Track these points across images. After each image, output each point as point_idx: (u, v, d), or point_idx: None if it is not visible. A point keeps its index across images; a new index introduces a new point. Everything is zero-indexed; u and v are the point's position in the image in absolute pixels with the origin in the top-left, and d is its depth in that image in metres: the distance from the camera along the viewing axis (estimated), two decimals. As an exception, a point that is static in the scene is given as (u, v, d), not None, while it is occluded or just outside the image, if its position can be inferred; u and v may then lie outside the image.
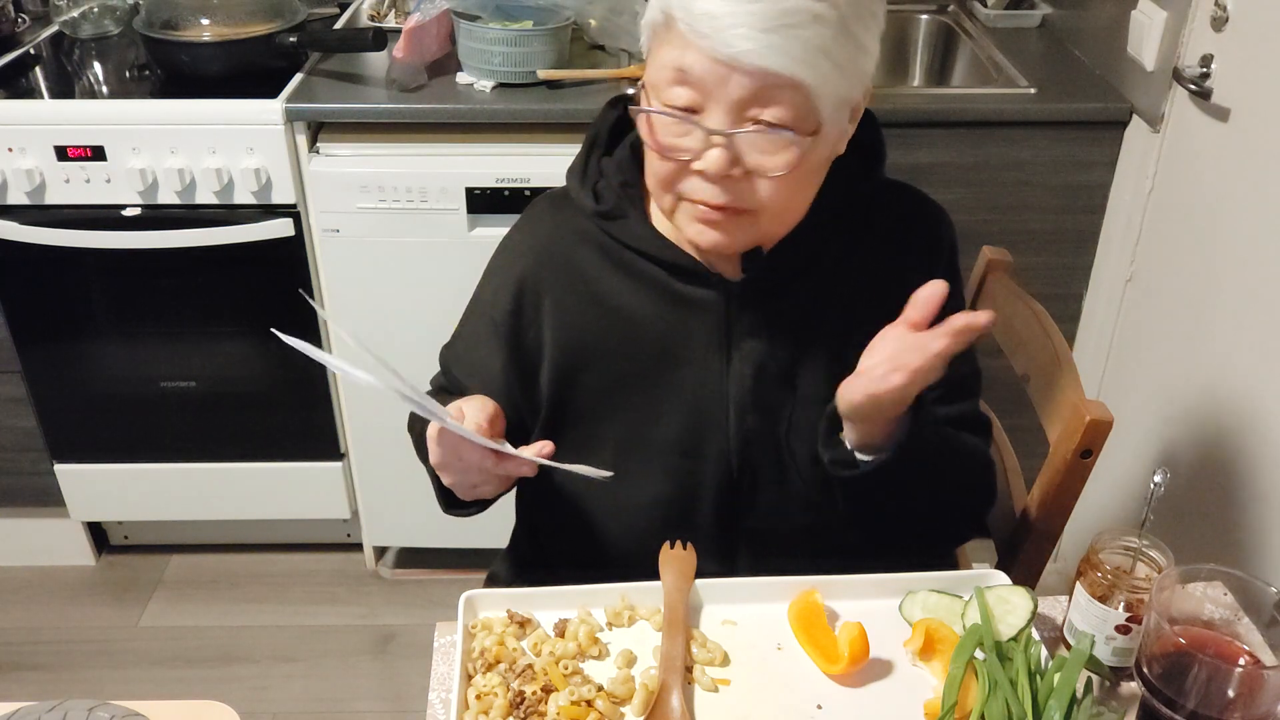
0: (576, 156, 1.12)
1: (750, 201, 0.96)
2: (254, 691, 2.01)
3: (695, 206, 0.98)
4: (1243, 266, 1.54)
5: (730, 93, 0.91)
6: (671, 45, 0.93)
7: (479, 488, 1.01)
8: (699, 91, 0.92)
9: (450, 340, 1.20)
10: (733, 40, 0.88)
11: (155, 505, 2.17)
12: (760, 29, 0.87)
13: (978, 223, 1.90)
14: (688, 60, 0.91)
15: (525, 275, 1.10)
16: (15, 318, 1.95)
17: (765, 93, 0.90)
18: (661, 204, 1.02)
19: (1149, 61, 1.74)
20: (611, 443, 1.10)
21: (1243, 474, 1.54)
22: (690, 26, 0.89)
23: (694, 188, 0.97)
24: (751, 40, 0.87)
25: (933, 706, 0.93)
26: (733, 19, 0.87)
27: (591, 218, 1.08)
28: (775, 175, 0.94)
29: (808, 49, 0.88)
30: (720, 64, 0.89)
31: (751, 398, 1.08)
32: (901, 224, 1.11)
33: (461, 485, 1.01)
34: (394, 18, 2.11)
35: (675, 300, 1.07)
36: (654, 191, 1.02)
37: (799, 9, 0.88)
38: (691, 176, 0.96)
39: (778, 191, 0.96)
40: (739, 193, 0.96)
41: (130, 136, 1.79)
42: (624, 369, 1.09)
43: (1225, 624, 0.91)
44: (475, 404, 0.99)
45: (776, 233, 1.03)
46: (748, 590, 1.04)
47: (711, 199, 0.96)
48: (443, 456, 0.97)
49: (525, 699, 0.92)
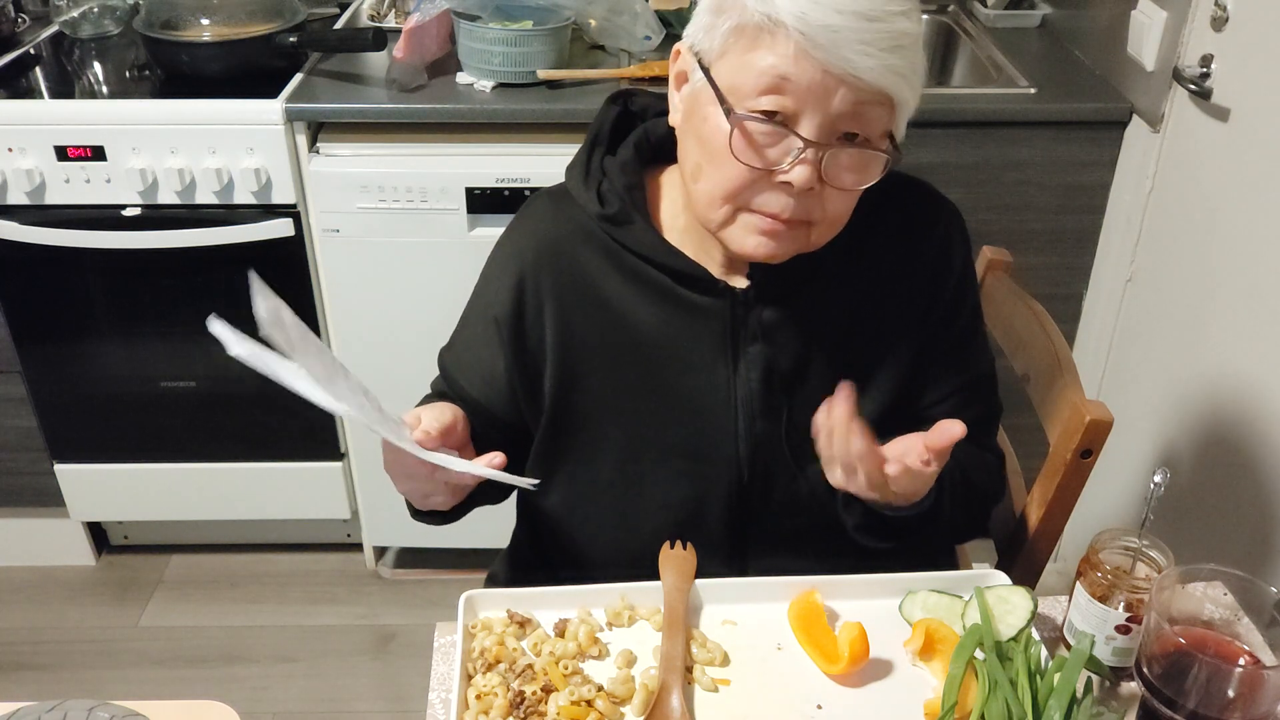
0: (577, 154, 1.10)
1: (816, 214, 0.96)
2: (254, 691, 2.01)
3: (760, 219, 0.96)
4: (1243, 266, 1.54)
5: (833, 106, 0.90)
6: (773, 51, 0.90)
7: (430, 497, 1.01)
8: (796, 100, 0.91)
9: (449, 343, 1.18)
10: (852, 56, 0.88)
11: (155, 505, 2.17)
12: (881, 48, 0.88)
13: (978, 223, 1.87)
14: (796, 69, 0.89)
15: (526, 276, 1.08)
16: (15, 318, 1.95)
17: (863, 109, 0.91)
18: (713, 215, 0.98)
19: (1149, 61, 1.74)
20: (617, 447, 1.09)
21: (1243, 474, 1.54)
22: (806, 35, 0.88)
23: (767, 200, 0.95)
24: (873, 58, 0.88)
25: (933, 706, 0.93)
26: (854, 34, 0.87)
27: (596, 221, 1.06)
28: (852, 189, 0.95)
29: (913, 70, 0.92)
30: (831, 76, 0.89)
31: (760, 403, 1.07)
32: (912, 223, 1.10)
33: (413, 494, 1.01)
34: (394, 18, 2.11)
35: (681, 307, 1.06)
36: (707, 202, 0.97)
37: (909, 32, 0.91)
38: (767, 189, 0.94)
39: (845, 204, 0.97)
40: (810, 206, 0.95)
41: (130, 136, 1.79)
42: (628, 374, 1.08)
43: (1225, 624, 0.91)
44: (434, 412, 0.98)
45: (822, 243, 1.01)
46: (748, 590, 1.04)
47: (783, 211, 0.95)
48: (387, 465, 0.97)
49: (525, 699, 0.92)
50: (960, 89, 2.15)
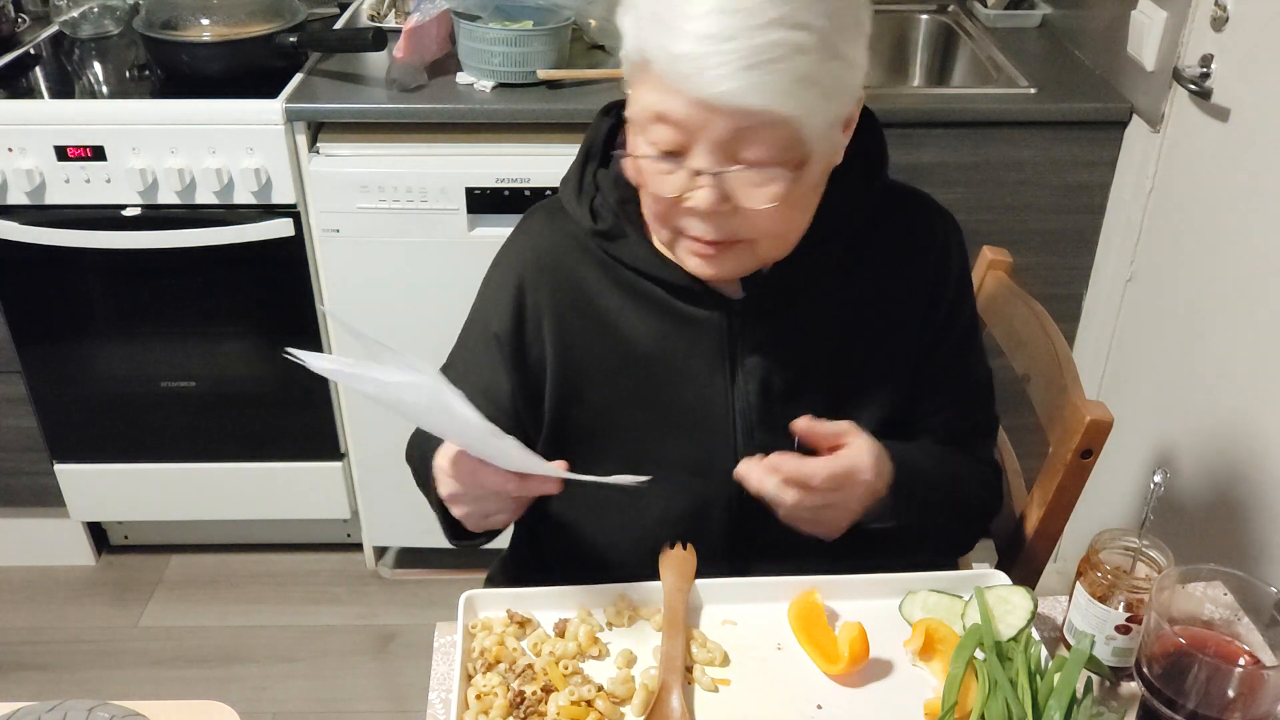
0: (570, 168, 1.09)
1: (745, 233, 0.94)
2: (254, 691, 2.01)
3: (692, 241, 0.96)
4: (1242, 266, 1.54)
5: (714, 133, 0.87)
6: (649, 87, 0.89)
7: (493, 517, 0.98)
8: (682, 132, 0.89)
9: (448, 362, 1.17)
10: (714, 81, 0.84)
11: (155, 505, 2.17)
12: (741, 67, 0.83)
13: (978, 223, 1.90)
14: (668, 105, 0.87)
15: (524, 291, 1.08)
16: (15, 318, 1.95)
17: (749, 131, 0.87)
18: (660, 236, 1.00)
19: (1149, 61, 1.74)
20: (617, 461, 1.08)
21: (1243, 474, 1.54)
22: (669, 68, 0.85)
23: (690, 224, 0.94)
24: (733, 79, 0.83)
25: (933, 706, 0.93)
26: (713, 58, 0.83)
27: (590, 236, 1.06)
28: (763, 208, 0.91)
29: (791, 82, 0.84)
30: (702, 106, 0.86)
31: (758, 415, 1.07)
32: (908, 234, 1.09)
33: (475, 516, 0.98)
34: (394, 18, 2.11)
35: (677, 319, 1.06)
36: (651, 225, 1.00)
37: (780, 41, 0.83)
38: (686, 213, 0.94)
39: (771, 221, 0.93)
40: (733, 226, 0.94)
41: (130, 136, 1.79)
42: (627, 388, 1.08)
43: (1225, 624, 0.91)
44: None
45: (777, 256, 1.00)
46: (748, 590, 1.04)
47: (705, 235, 0.94)
48: (459, 486, 0.94)
49: (525, 699, 0.92)
50: (960, 89, 2.15)
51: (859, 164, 1.03)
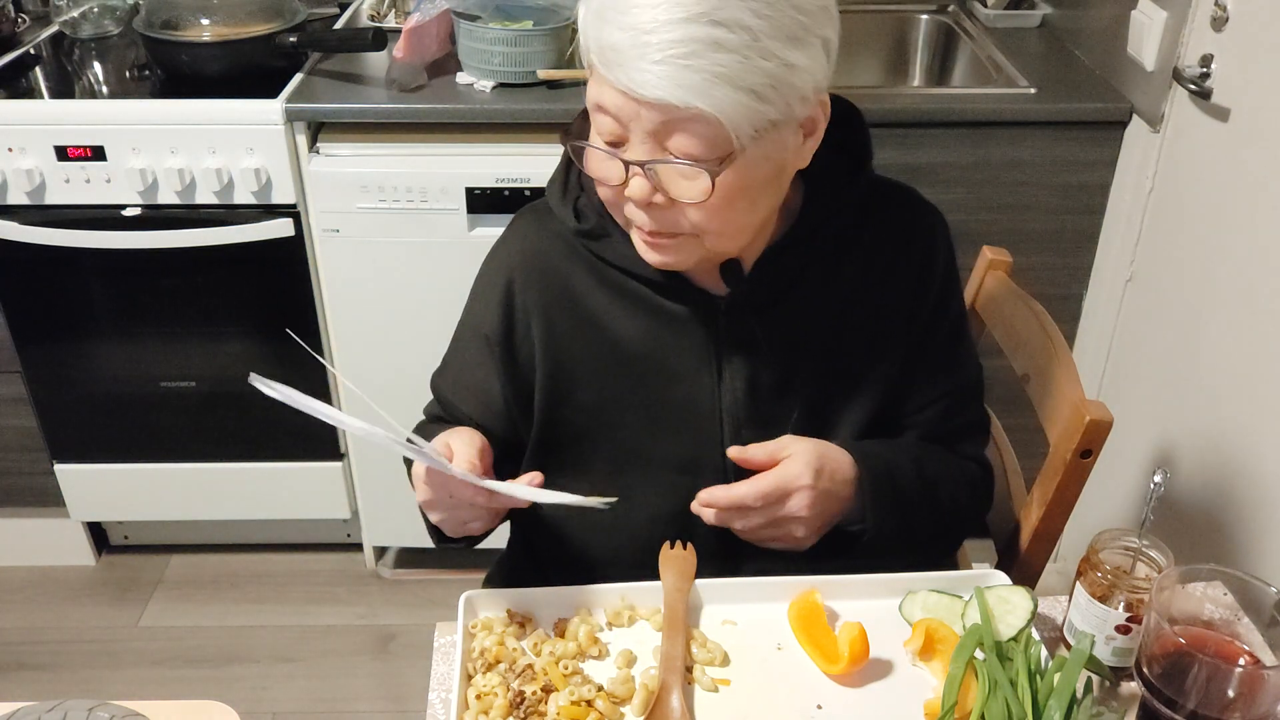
0: (556, 169, 1.10)
1: (682, 226, 0.95)
2: (254, 691, 2.01)
3: (637, 231, 0.98)
4: (1242, 266, 1.54)
5: (643, 125, 0.89)
6: (593, 79, 0.92)
7: (468, 525, 1.01)
8: (619, 123, 0.91)
9: (441, 367, 1.18)
10: (635, 75, 0.85)
11: (155, 505, 2.17)
12: (655, 60, 0.84)
13: (978, 223, 1.90)
14: (605, 96, 0.90)
15: (514, 292, 1.09)
16: (15, 318, 1.95)
17: (674, 124, 0.88)
18: (619, 223, 1.02)
19: (1149, 61, 1.74)
20: (606, 460, 1.09)
21: (1242, 474, 1.54)
22: (601, 59, 0.88)
23: (633, 214, 0.96)
24: (650, 72, 0.85)
25: (933, 706, 0.93)
26: (635, 52, 0.85)
27: (575, 236, 1.07)
28: (693, 203, 0.92)
29: (707, 78, 0.84)
30: (629, 98, 0.87)
31: (746, 412, 1.07)
32: (894, 230, 1.09)
33: (450, 522, 1.01)
34: (394, 18, 2.11)
35: (663, 317, 1.06)
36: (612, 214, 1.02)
37: (699, 37, 0.84)
38: (628, 202, 0.95)
39: (706, 218, 0.93)
40: (669, 219, 0.95)
41: (130, 136, 1.79)
42: (615, 387, 1.08)
43: (1225, 624, 0.91)
44: (463, 438, 0.98)
45: (728, 250, 1.00)
46: (748, 590, 1.04)
47: (644, 225, 0.96)
48: (431, 494, 0.97)
49: (525, 699, 0.92)
50: (960, 89, 2.15)
51: (842, 160, 1.03)
